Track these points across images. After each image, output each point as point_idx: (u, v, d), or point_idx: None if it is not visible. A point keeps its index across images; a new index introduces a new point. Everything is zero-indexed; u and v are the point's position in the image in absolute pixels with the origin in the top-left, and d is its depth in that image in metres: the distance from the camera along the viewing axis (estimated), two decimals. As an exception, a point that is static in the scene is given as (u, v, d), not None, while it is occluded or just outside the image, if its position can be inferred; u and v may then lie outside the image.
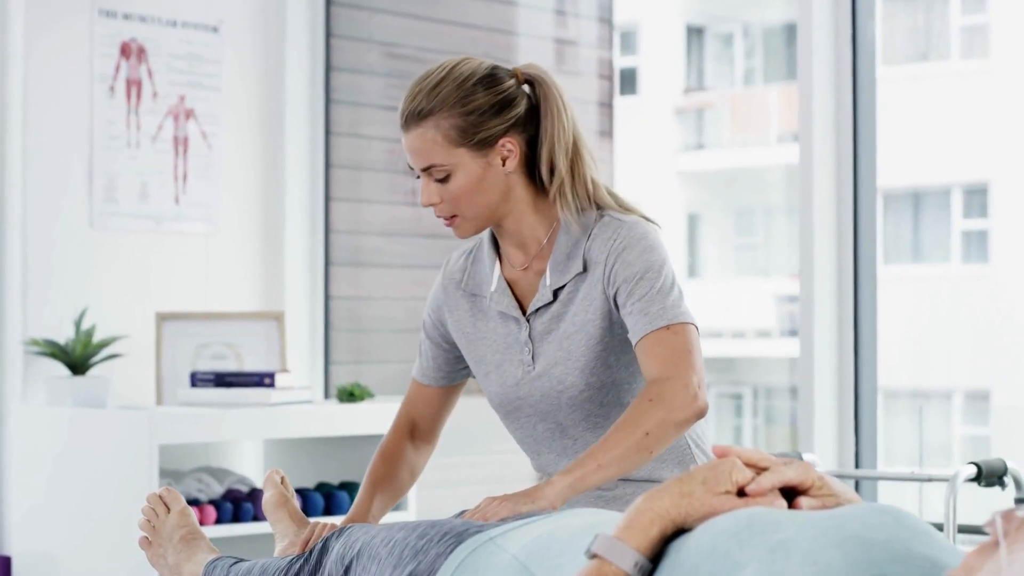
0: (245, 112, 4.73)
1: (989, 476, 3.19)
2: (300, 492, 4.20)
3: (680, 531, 1.67)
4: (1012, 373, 11.96)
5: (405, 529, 1.98)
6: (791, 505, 1.71)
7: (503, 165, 2.47)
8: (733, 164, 15.48)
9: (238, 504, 4.15)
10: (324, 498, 4.24)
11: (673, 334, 2.38)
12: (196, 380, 4.25)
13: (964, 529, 3.24)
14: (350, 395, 4.40)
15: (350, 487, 4.33)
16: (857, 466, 3.84)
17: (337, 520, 2.61)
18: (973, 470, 3.16)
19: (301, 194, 4.80)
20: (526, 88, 2.50)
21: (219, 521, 4.08)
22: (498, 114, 2.46)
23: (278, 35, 4.76)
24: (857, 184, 3.86)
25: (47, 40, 4.33)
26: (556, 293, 2.49)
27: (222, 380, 4.23)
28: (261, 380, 4.21)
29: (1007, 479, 3.21)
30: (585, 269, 2.47)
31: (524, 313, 2.52)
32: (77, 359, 4.18)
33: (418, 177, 2.49)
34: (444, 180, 2.45)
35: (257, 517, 4.15)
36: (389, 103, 4.97)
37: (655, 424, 2.31)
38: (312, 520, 2.53)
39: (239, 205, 4.71)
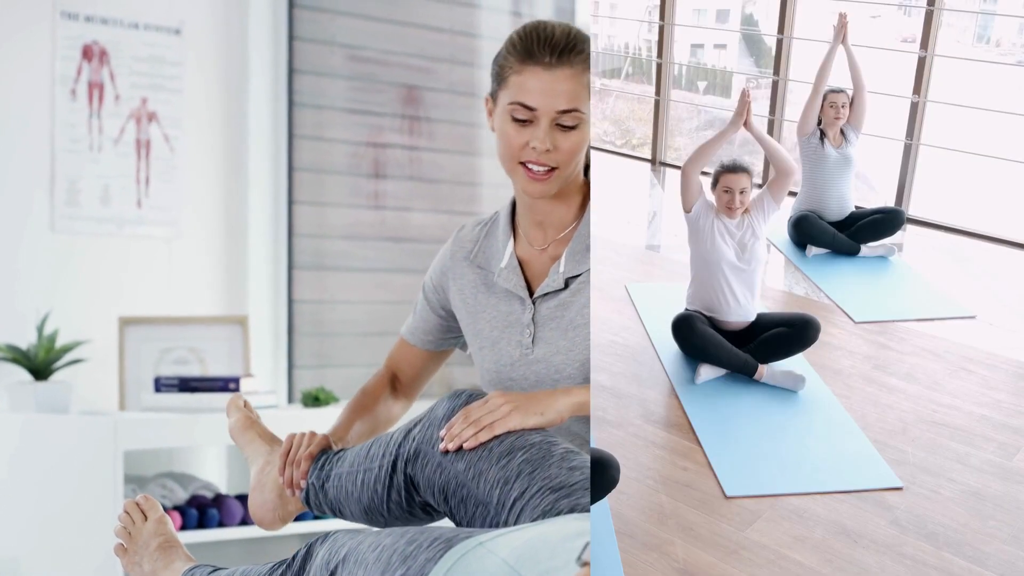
0: (207, 115, 4.70)
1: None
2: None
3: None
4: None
5: (393, 535, 1.96)
6: None
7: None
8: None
9: (203, 510, 4.12)
10: (290, 503, 4.21)
11: None
12: (160, 385, 4.22)
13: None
14: (315, 399, 4.38)
15: (316, 492, 4.31)
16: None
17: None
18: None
19: (264, 198, 4.78)
20: None
21: (184, 527, 4.05)
22: None
23: (240, 37, 4.73)
24: None
25: (8, 42, 4.29)
26: (568, 281, 2.46)
27: (186, 385, 4.20)
28: (225, 385, 4.19)
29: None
30: None
31: (531, 295, 2.50)
32: (39, 364, 4.14)
33: (520, 120, 2.37)
34: (569, 130, 2.37)
35: (223, 523, 4.12)
36: (352, 106, 4.95)
37: None
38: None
39: (201, 209, 4.67)
